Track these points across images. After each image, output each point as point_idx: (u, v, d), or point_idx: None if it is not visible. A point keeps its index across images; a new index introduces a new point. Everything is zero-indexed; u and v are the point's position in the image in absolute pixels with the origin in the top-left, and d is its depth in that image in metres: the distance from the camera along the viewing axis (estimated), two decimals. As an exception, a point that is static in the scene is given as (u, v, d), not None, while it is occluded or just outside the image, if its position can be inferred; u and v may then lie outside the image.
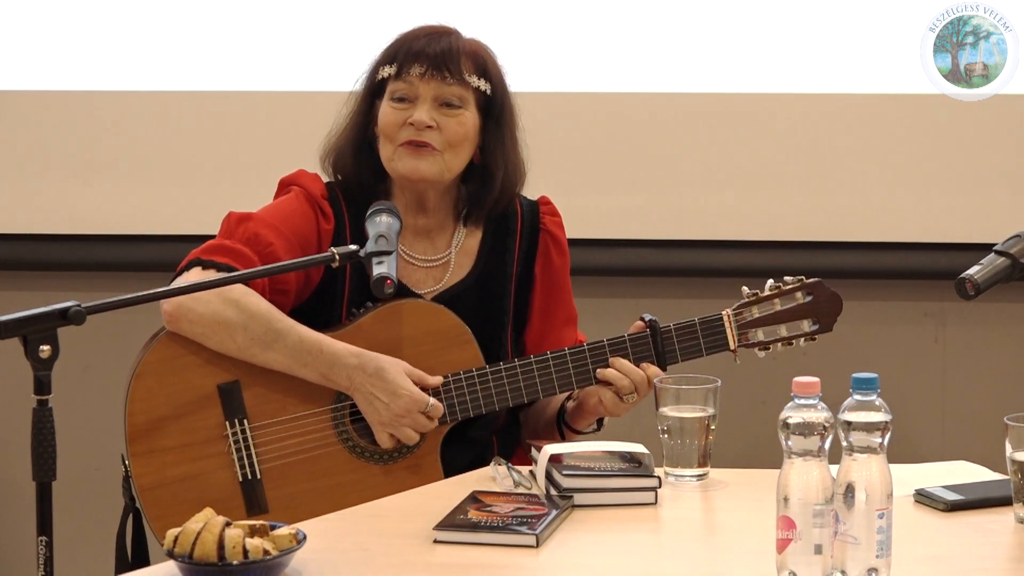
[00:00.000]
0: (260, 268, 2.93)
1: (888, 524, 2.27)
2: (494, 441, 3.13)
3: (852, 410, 2.27)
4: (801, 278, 3.11)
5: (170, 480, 2.94)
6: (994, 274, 2.80)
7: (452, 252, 3.14)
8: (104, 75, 4.30)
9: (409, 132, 3.05)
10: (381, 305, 3.03)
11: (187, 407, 2.96)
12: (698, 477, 2.83)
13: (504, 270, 3.16)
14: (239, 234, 3.03)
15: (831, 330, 3.11)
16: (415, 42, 3.08)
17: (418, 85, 3.06)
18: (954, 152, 4.21)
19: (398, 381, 2.96)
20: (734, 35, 4.19)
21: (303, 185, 3.12)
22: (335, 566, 2.44)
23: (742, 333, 3.08)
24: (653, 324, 3.08)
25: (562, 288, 3.21)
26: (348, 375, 2.96)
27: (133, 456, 2.96)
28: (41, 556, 2.37)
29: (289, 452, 2.99)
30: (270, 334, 2.96)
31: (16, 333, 2.40)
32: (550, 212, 3.21)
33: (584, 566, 2.49)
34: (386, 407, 2.95)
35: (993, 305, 4.22)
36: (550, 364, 3.05)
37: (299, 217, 3.08)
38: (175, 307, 2.96)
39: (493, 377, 3.03)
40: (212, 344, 2.97)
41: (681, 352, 3.08)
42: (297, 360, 2.97)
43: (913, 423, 4.25)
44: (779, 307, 3.10)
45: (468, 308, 3.08)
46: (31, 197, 4.35)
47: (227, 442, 2.97)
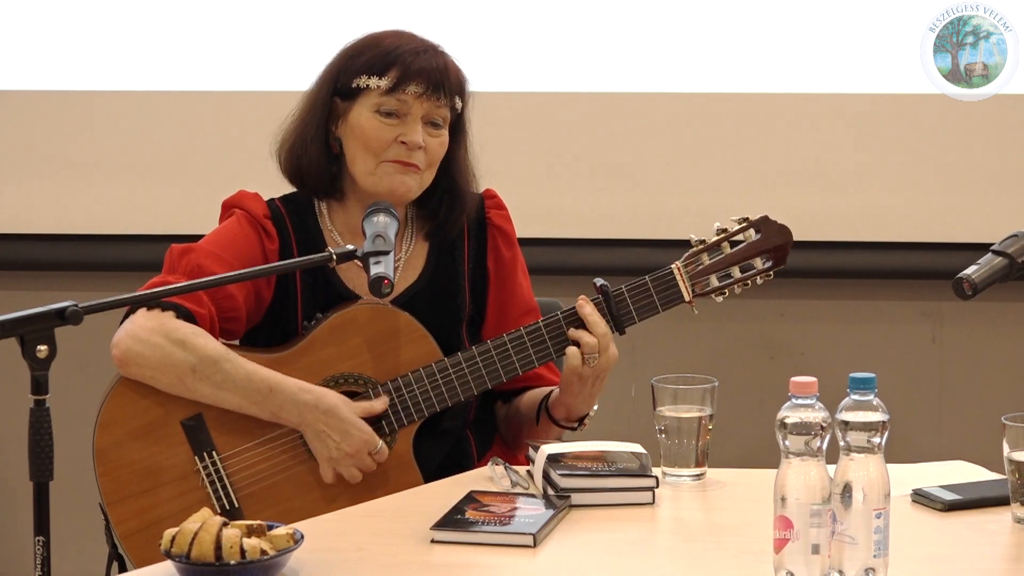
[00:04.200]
0: (255, 269, 2.91)
1: (885, 524, 2.27)
2: (469, 435, 3.12)
3: (849, 410, 2.27)
4: (746, 217, 3.06)
5: (150, 523, 2.92)
6: (991, 274, 2.80)
7: (402, 256, 3.12)
8: (104, 75, 4.30)
9: (399, 151, 3.02)
10: (332, 314, 3.02)
11: (155, 449, 2.95)
12: (696, 477, 2.83)
13: (455, 268, 3.13)
14: (182, 267, 3.01)
15: (784, 264, 3.05)
16: (411, 59, 3.02)
17: (412, 103, 3.02)
18: (954, 152, 4.21)
19: (351, 420, 2.94)
20: (734, 35, 4.19)
21: (245, 207, 3.09)
22: (332, 566, 2.44)
23: (695, 282, 3.04)
24: (604, 289, 3.03)
25: (514, 280, 3.17)
26: (299, 412, 2.94)
27: (110, 505, 2.94)
28: (38, 556, 2.37)
29: (263, 476, 2.97)
30: (218, 374, 2.93)
31: (13, 333, 2.40)
32: (495, 205, 3.18)
33: (581, 566, 2.49)
34: (336, 445, 2.94)
35: (991, 305, 4.22)
36: (508, 346, 3.02)
37: (242, 240, 3.06)
38: (123, 352, 2.94)
39: (453, 368, 3.01)
40: (162, 386, 2.95)
41: (637, 312, 3.03)
42: (247, 399, 2.94)
43: (911, 423, 4.24)
44: (728, 250, 3.04)
45: (422, 310, 3.05)
46: (30, 197, 4.35)
47: (200, 476, 2.95)
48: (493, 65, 3.65)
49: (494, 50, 4.01)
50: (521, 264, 3.20)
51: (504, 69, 4.07)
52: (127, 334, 2.95)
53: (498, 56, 4.04)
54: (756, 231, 3.05)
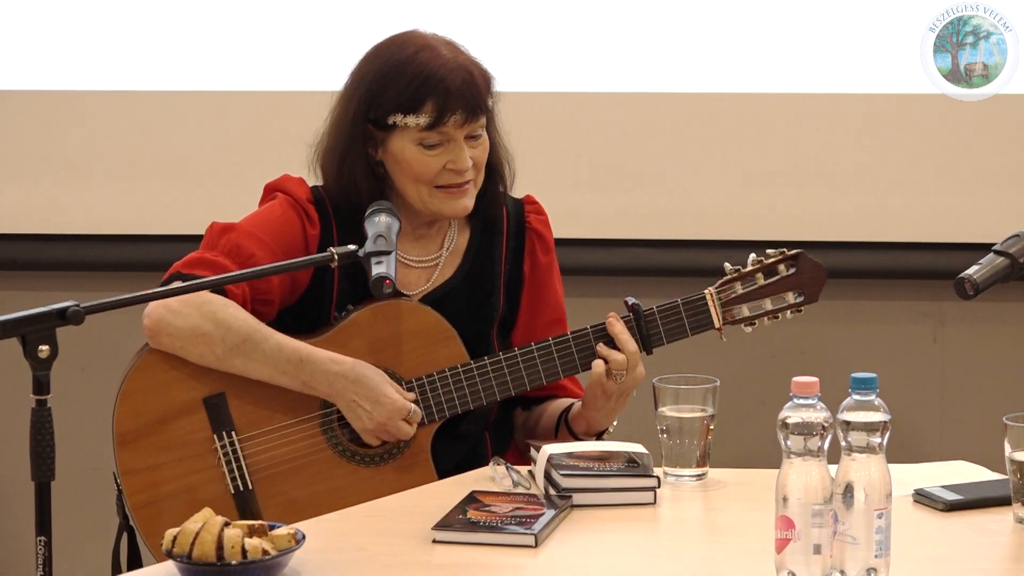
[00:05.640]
0: (259, 268, 2.91)
1: (887, 524, 2.27)
2: (487, 436, 3.13)
3: (851, 410, 2.27)
4: (783, 250, 3.07)
5: (163, 496, 2.94)
6: (993, 274, 2.80)
7: (444, 253, 3.14)
8: (104, 75, 4.30)
9: (450, 177, 3.02)
10: (363, 307, 3.02)
11: (175, 422, 2.96)
12: (697, 477, 2.83)
13: (492, 268, 3.15)
14: (221, 245, 3.02)
15: (816, 300, 3.07)
16: (442, 86, 2.97)
17: (453, 132, 3.00)
18: (954, 152, 4.21)
19: (380, 388, 2.95)
20: (734, 35, 4.19)
21: (288, 191, 3.09)
22: (334, 566, 2.44)
23: (726, 310, 3.06)
24: (636, 308, 3.05)
25: (549, 287, 3.19)
26: (329, 382, 2.95)
27: (124, 475, 2.95)
28: (40, 556, 2.37)
29: (279, 461, 2.98)
30: (248, 344, 2.95)
31: (15, 333, 2.40)
32: (536, 211, 3.20)
33: (583, 566, 2.49)
34: (368, 415, 2.95)
35: (992, 305, 4.22)
36: (535, 355, 3.03)
37: (283, 225, 3.06)
38: (154, 322, 2.96)
39: (479, 372, 3.02)
40: (193, 357, 2.96)
41: (666, 334, 3.06)
42: (277, 369, 2.96)
43: (912, 423, 4.24)
44: (762, 281, 3.06)
45: (455, 307, 3.07)
46: (30, 197, 4.35)
47: (217, 455, 2.97)
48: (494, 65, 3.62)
49: (495, 51, 4.01)
50: (556, 271, 3.22)
51: (505, 69, 4.07)
52: (160, 304, 2.95)
53: (497, 57, 4.04)
54: (791, 265, 3.07)
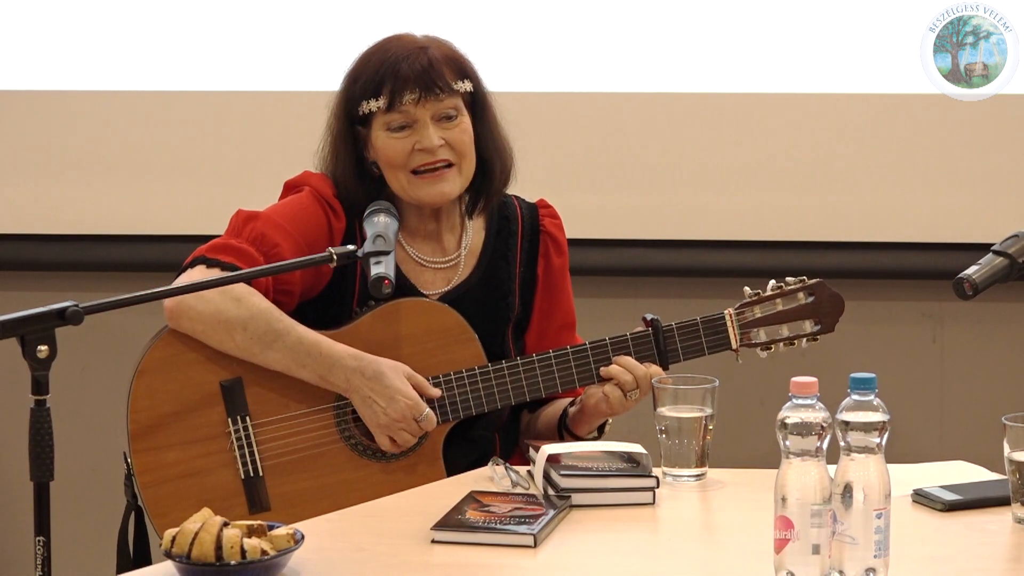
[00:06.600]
0: (261, 268, 2.93)
1: (886, 524, 2.27)
2: (497, 439, 3.13)
3: (850, 410, 2.27)
4: (803, 279, 3.12)
5: (172, 477, 2.95)
6: (992, 274, 2.80)
7: (462, 253, 3.15)
8: (104, 75, 4.30)
9: (421, 157, 3.04)
10: (383, 304, 3.03)
11: (189, 404, 2.97)
12: (696, 477, 2.83)
13: (508, 270, 3.16)
14: (246, 233, 3.03)
15: (833, 330, 3.13)
16: (394, 67, 3.03)
17: (414, 111, 3.04)
18: (954, 152, 4.20)
19: (396, 385, 2.96)
20: (734, 35, 4.19)
21: (313, 185, 3.11)
22: (333, 566, 2.44)
23: (744, 332, 3.09)
24: (655, 323, 3.08)
25: (561, 290, 3.21)
26: (346, 377, 2.96)
27: (135, 453, 2.96)
28: (39, 556, 2.37)
29: (291, 450, 2.99)
30: (270, 334, 2.96)
31: (14, 333, 2.41)
32: (550, 214, 3.22)
33: (582, 566, 2.49)
34: (383, 411, 2.96)
35: (991, 305, 4.22)
36: (552, 362, 3.06)
37: (308, 217, 3.07)
38: (176, 303, 2.96)
39: (495, 375, 3.04)
40: (212, 342, 2.97)
41: (683, 351, 3.09)
42: (296, 361, 2.97)
43: (911, 423, 4.24)
44: (781, 307, 3.11)
45: (472, 307, 3.09)
46: (30, 197, 4.35)
47: (229, 439, 2.97)
48: (494, 66, 3.62)
49: (496, 50, 4.01)
50: (568, 276, 3.24)
51: (505, 69, 4.07)
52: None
53: (501, 57, 4.04)
54: (810, 294, 3.10)
